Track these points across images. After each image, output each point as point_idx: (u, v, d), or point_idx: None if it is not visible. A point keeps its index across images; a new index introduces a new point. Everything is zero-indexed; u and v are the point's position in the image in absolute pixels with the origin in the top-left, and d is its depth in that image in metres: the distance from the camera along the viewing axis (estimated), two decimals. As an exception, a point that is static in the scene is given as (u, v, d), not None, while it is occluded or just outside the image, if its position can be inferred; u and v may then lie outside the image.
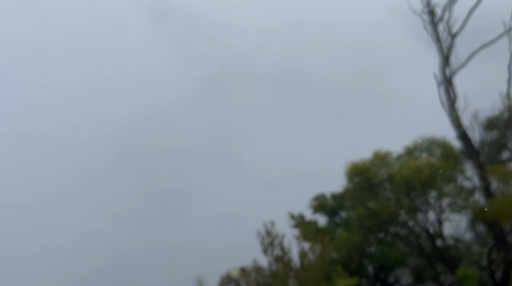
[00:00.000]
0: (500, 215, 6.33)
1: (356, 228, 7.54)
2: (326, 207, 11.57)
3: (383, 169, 8.20)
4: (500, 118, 8.24)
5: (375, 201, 7.77)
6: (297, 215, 12.36)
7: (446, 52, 8.61)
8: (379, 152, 8.35)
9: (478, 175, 8.12)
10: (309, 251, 4.84)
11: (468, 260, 8.02)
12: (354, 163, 8.29)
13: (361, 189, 7.92)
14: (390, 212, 7.05)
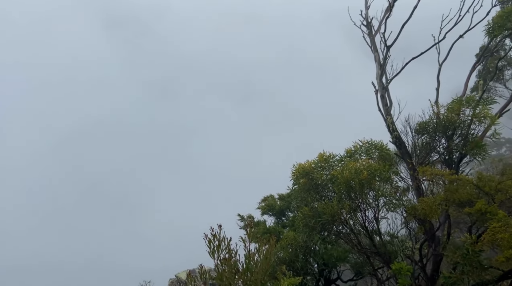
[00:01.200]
0: (429, 212, 6.90)
1: (302, 228, 7.82)
2: (274, 208, 11.88)
3: (327, 171, 8.62)
4: (430, 123, 8.89)
5: (319, 201, 8.13)
6: (247, 216, 12.57)
7: (382, 62, 9.20)
8: (323, 154, 8.77)
9: (411, 175, 8.76)
10: (256, 252, 4.95)
11: (403, 255, 8.64)
12: (300, 165, 8.64)
13: (306, 189, 8.25)
14: (333, 211, 7.40)
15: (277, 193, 12.15)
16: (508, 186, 6.88)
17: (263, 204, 11.84)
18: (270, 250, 5.21)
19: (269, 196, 12.34)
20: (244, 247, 5.27)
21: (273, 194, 12.65)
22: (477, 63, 9.57)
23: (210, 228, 5.34)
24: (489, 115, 7.79)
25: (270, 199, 12.04)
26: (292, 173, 8.69)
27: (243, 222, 11.87)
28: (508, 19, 8.05)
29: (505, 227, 5.82)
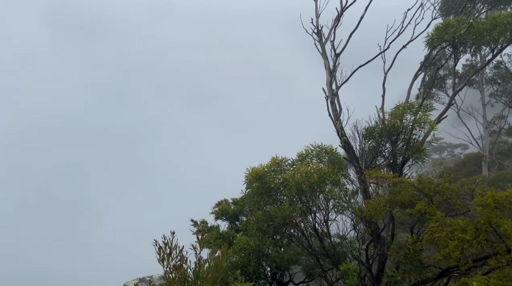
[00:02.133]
0: (375, 214, 7.19)
1: (254, 232, 7.84)
2: (228, 213, 11.82)
3: (280, 174, 8.73)
4: (376, 129, 9.28)
5: (272, 205, 8.20)
6: (200, 221, 12.39)
7: (332, 69, 9.51)
8: (276, 158, 8.88)
9: (358, 178, 9.10)
10: (208, 258, 4.88)
11: (351, 256, 8.94)
12: (254, 169, 8.68)
13: (259, 193, 8.29)
14: (284, 214, 7.49)
15: (231, 197, 12.12)
16: (446, 188, 7.34)
17: (216, 209, 11.75)
18: (222, 257, 5.16)
19: (223, 201, 12.28)
20: (195, 254, 5.19)
21: (227, 198, 12.62)
22: (419, 72, 10.15)
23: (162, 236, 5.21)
24: (428, 121, 8.29)
25: (224, 204, 11.98)
26: (245, 177, 8.70)
27: (196, 227, 11.70)
28: (445, 31, 8.64)
29: (442, 227, 6.19)
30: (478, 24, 8.24)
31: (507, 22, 7.98)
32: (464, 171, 22.05)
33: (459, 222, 6.09)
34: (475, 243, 5.74)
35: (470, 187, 7.06)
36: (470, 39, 8.59)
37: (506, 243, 5.67)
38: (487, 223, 5.80)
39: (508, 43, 8.62)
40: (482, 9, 14.06)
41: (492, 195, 6.00)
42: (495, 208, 5.93)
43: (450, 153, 50.09)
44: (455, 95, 9.60)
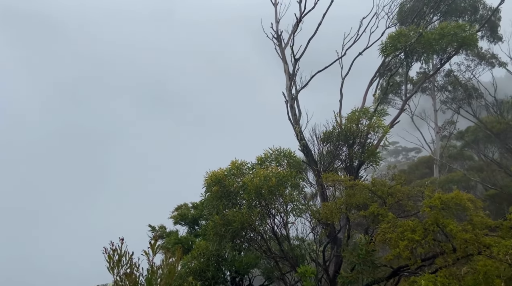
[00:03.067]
0: (331, 216, 7.33)
1: (212, 236, 7.74)
2: (187, 217, 11.62)
3: (239, 178, 8.69)
4: (333, 133, 9.50)
5: (231, 209, 8.15)
6: (158, 226, 12.08)
7: (291, 74, 9.64)
8: (236, 161, 8.84)
9: (316, 182, 9.26)
10: (161, 264, 4.75)
11: (309, 258, 9.06)
12: (213, 172, 8.58)
13: (218, 197, 8.21)
14: (243, 218, 7.46)
15: (191, 202, 11.93)
16: (397, 190, 7.62)
17: (175, 213, 11.52)
18: (176, 262, 5.04)
19: (183, 205, 12.07)
20: (148, 260, 5.03)
21: (187, 202, 12.41)
22: (374, 78, 10.53)
23: (110, 242, 5.02)
24: (382, 126, 8.59)
25: (183, 208, 11.76)
26: (204, 181, 8.59)
27: (153, 232, 11.40)
28: (398, 40, 9.02)
29: (393, 228, 6.40)
30: (427, 34, 8.68)
31: (454, 32, 8.47)
32: (417, 173, 23.10)
33: (409, 222, 6.33)
34: (424, 243, 5.98)
35: (420, 189, 7.38)
36: (421, 48, 9.02)
37: (452, 242, 5.96)
38: (434, 224, 6.07)
39: (455, 52, 9.16)
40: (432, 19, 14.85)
41: (439, 196, 6.30)
42: (442, 209, 6.22)
43: (405, 156, 52.41)
44: (407, 102, 10.06)
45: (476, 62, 19.70)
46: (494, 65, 19.30)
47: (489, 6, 17.62)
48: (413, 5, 14.58)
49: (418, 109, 22.84)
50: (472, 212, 6.13)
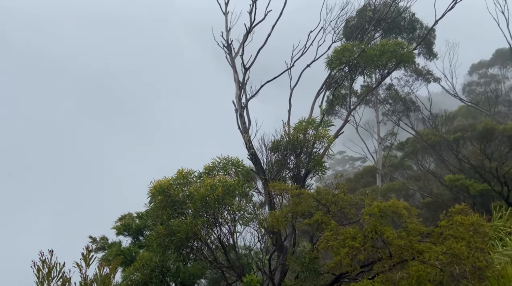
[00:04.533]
0: (277, 224, 7.40)
1: (155, 247, 7.49)
2: (131, 227, 11.18)
3: (186, 187, 8.52)
4: (281, 142, 9.65)
5: (176, 219, 7.95)
6: (100, 237, 11.50)
7: (241, 83, 9.70)
8: (182, 170, 8.66)
9: (265, 190, 9.32)
10: (94, 276, 4.49)
11: (256, 267, 9.06)
12: (158, 182, 8.34)
13: (162, 207, 7.97)
14: (187, 228, 7.30)
15: (136, 211, 11.49)
16: (341, 198, 7.87)
17: (118, 224, 11.02)
18: (111, 274, 4.80)
19: (127, 215, 11.58)
20: (81, 273, 4.75)
21: (131, 212, 11.94)
22: (321, 90, 10.88)
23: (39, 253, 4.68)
24: (327, 136, 8.88)
25: (127, 218, 11.29)
26: (149, 190, 8.32)
27: (94, 244, 10.81)
28: (342, 55, 9.42)
29: (335, 235, 6.59)
30: (369, 49, 9.15)
31: (393, 49, 9.00)
32: (362, 181, 24.10)
33: (350, 230, 6.55)
34: (363, 250, 6.21)
35: (361, 198, 7.68)
36: (363, 62, 9.49)
37: (389, 248, 6.25)
38: (373, 231, 6.34)
39: (394, 68, 9.74)
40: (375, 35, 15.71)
41: (378, 205, 6.60)
42: (380, 216, 6.52)
43: (351, 165, 54.65)
44: (352, 113, 10.49)
45: (414, 77, 21.15)
46: (430, 81, 20.83)
47: (425, 25, 19.03)
48: (357, 21, 15.36)
49: (363, 120, 24.00)
50: (407, 219, 6.48)
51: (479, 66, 39.08)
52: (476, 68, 39.20)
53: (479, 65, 39.18)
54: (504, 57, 33.64)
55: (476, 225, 5.97)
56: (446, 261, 5.54)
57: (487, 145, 10.98)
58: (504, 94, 29.10)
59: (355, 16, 16.93)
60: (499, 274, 5.92)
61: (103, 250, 11.03)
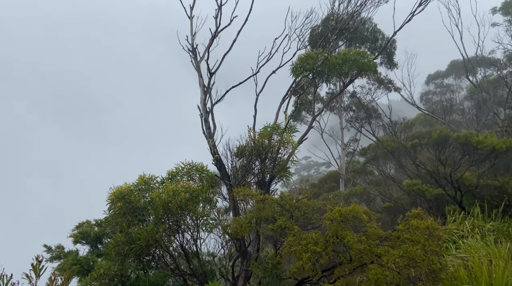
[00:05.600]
0: (240, 230, 7.36)
1: (114, 256, 7.22)
2: (90, 236, 10.76)
3: (147, 193, 8.30)
4: (247, 147, 9.64)
5: (137, 226, 7.71)
6: (56, 246, 10.99)
7: (206, 87, 9.62)
8: (144, 176, 8.44)
9: (229, 196, 9.26)
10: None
11: (219, 274, 8.96)
12: (118, 187, 8.07)
13: (122, 214, 7.72)
14: (148, 236, 7.10)
15: (94, 219, 11.07)
16: (304, 203, 7.97)
17: (76, 232, 10.55)
18: (64, 284, 4.57)
19: (85, 222, 11.12)
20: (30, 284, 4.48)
21: (90, 219, 11.48)
22: (286, 96, 11.00)
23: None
24: (291, 142, 8.97)
25: (85, 226, 10.84)
26: (108, 197, 8.03)
27: (50, 253, 10.29)
28: (307, 62, 9.59)
29: (298, 240, 6.65)
30: (332, 58, 9.37)
31: (355, 58, 9.27)
32: (326, 186, 24.56)
33: (312, 235, 6.63)
34: (325, 254, 6.30)
35: (323, 203, 7.81)
36: (327, 70, 9.70)
37: (349, 252, 6.37)
38: (334, 235, 6.45)
39: (356, 76, 10.02)
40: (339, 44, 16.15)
41: (339, 210, 6.73)
42: (342, 221, 6.65)
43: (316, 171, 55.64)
44: (316, 119, 10.69)
45: (376, 86, 21.92)
46: (390, 90, 21.66)
47: (386, 36, 19.80)
48: (322, 30, 15.71)
49: (328, 126, 24.52)
50: (367, 224, 6.65)
51: (436, 76, 41.14)
52: (433, 78, 41.22)
53: (436, 75, 41.24)
54: (458, 68, 35.61)
55: (430, 229, 6.22)
56: (403, 264, 5.73)
57: (442, 152, 11.53)
58: (458, 103, 30.77)
59: (320, 25, 17.30)
60: (452, 276, 6.19)
61: (58, 259, 10.51)
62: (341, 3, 11.55)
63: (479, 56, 20.95)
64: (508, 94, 19.20)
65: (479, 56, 20.94)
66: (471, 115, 21.92)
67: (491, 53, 22.51)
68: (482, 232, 8.97)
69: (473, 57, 20.85)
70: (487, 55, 21.77)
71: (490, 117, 19.44)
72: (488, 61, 22.05)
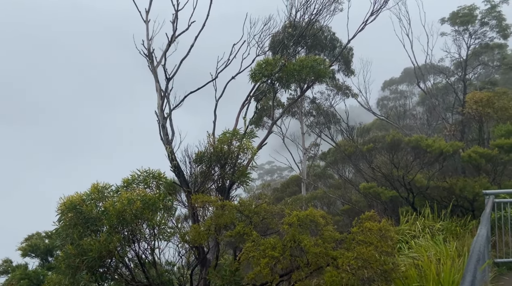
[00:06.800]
0: (198, 238, 7.26)
1: (64, 269, 6.86)
2: (39, 248, 10.19)
3: (101, 202, 7.98)
4: (206, 153, 9.54)
5: (89, 237, 7.39)
6: (3, 260, 10.33)
7: (164, 93, 9.45)
8: (97, 184, 8.11)
9: (188, 203, 9.11)
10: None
11: (178, 283, 8.76)
12: (68, 197, 7.70)
13: (73, 225, 7.36)
14: (102, 247, 6.82)
15: (45, 230, 10.49)
16: (263, 208, 7.99)
17: (24, 244, 9.94)
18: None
19: (35, 234, 10.51)
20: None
21: (40, 231, 10.87)
22: (245, 102, 11.01)
23: None
24: (250, 147, 8.99)
25: (35, 238, 10.24)
26: (58, 207, 7.64)
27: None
28: (265, 68, 9.68)
29: (256, 246, 6.64)
30: (290, 64, 9.52)
31: (311, 65, 9.48)
32: (288, 191, 24.87)
33: (271, 240, 6.66)
34: (282, 259, 6.34)
35: (282, 207, 7.87)
36: (285, 76, 9.84)
37: (306, 256, 6.45)
38: (292, 240, 6.51)
39: (313, 82, 10.24)
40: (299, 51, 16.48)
41: (297, 214, 6.81)
42: (299, 225, 6.73)
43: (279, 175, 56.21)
44: (275, 124, 10.79)
45: (334, 92, 22.57)
46: (348, 96, 22.38)
47: (344, 44, 20.46)
48: (282, 37, 15.97)
49: (289, 131, 24.88)
50: (323, 227, 6.77)
51: (391, 83, 43.06)
52: (388, 84, 43.11)
53: (391, 82, 43.16)
54: (411, 75, 37.43)
55: (383, 230, 6.43)
56: (357, 265, 5.88)
57: (395, 155, 12.02)
58: (411, 109, 32.32)
59: (280, 32, 17.57)
60: (404, 275, 6.43)
61: (6, 274, 9.86)
62: (298, 11, 11.81)
63: (429, 64, 22.15)
64: (455, 100, 20.42)
65: (428, 64, 22.14)
66: (423, 120, 23.09)
67: (441, 61, 23.86)
68: (432, 231, 9.42)
69: (423, 65, 22.02)
70: (437, 63, 23.07)
71: (440, 122, 20.55)
72: (438, 69, 23.35)
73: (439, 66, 23.53)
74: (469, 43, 21.33)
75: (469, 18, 21.33)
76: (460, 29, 21.57)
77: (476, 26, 21.51)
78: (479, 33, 21.55)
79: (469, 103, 15.66)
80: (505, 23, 21.48)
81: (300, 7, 11.71)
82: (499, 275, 7.00)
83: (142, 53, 9.60)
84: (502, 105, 15.22)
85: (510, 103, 15.51)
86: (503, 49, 23.81)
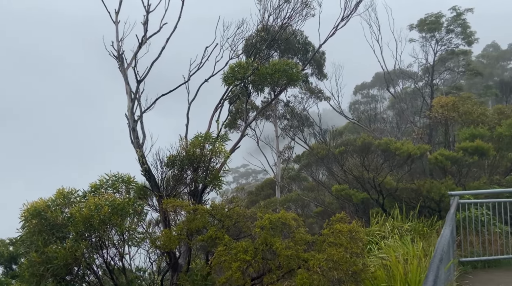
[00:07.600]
0: (169, 243, 7.14)
1: (28, 278, 6.59)
2: (3, 255, 9.76)
3: (67, 208, 7.72)
4: (178, 157, 9.41)
5: (55, 244, 7.12)
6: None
7: (134, 95, 9.26)
8: (63, 190, 7.84)
9: (160, 208, 8.94)
10: None
11: (149, 288, 8.58)
12: (32, 203, 7.40)
13: (37, 231, 7.08)
14: (68, 254, 6.59)
15: (8, 237, 10.05)
16: (236, 212, 7.96)
17: (-15, 253, 9.48)
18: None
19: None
20: None
21: (3, 238, 10.41)
22: (218, 105, 10.96)
23: None
24: (223, 151, 8.95)
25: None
26: (21, 213, 7.33)
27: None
28: (238, 71, 9.68)
29: (228, 250, 6.60)
30: (262, 68, 9.57)
31: (284, 69, 9.56)
32: (263, 194, 24.92)
33: (242, 244, 6.64)
34: (254, 262, 6.33)
35: (254, 211, 7.86)
36: (258, 79, 9.88)
37: (278, 259, 6.47)
38: (264, 243, 6.52)
39: (286, 86, 10.33)
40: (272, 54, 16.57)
41: (269, 217, 6.82)
42: (271, 228, 6.74)
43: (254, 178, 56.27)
44: (247, 128, 10.79)
45: (307, 95, 22.86)
46: (321, 99, 22.72)
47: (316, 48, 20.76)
48: (256, 41, 16.04)
49: (264, 135, 24.97)
50: (295, 230, 6.81)
51: (362, 87, 44.08)
52: (359, 88, 44.11)
53: (362, 86, 44.19)
54: (382, 80, 38.47)
55: (353, 232, 6.55)
56: (327, 267, 5.95)
57: (366, 158, 12.29)
58: (382, 112, 33.18)
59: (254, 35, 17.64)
60: (373, 276, 6.55)
61: None
62: (270, 15, 11.91)
63: (398, 70, 22.84)
64: (423, 104, 21.13)
65: (398, 70, 22.83)
66: (393, 123, 23.75)
67: (409, 67, 24.69)
68: (401, 232, 9.67)
69: (393, 70, 22.68)
70: (405, 69, 23.82)
71: (408, 125, 21.21)
72: (406, 74, 24.12)
73: (408, 71, 24.31)
74: (436, 49, 22.18)
75: (436, 25, 22.18)
76: (428, 36, 22.38)
77: (443, 33, 22.39)
78: (445, 40, 22.44)
79: (435, 107, 16.25)
80: (469, 30, 22.47)
81: (272, 11, 11.83)
82: (464, 274, 7.26)
83: (112, 55, 9.39)
84: (467, 109, 15.88)
85: (474, 107, 16.21)
86: (468, 55, 24.90)
